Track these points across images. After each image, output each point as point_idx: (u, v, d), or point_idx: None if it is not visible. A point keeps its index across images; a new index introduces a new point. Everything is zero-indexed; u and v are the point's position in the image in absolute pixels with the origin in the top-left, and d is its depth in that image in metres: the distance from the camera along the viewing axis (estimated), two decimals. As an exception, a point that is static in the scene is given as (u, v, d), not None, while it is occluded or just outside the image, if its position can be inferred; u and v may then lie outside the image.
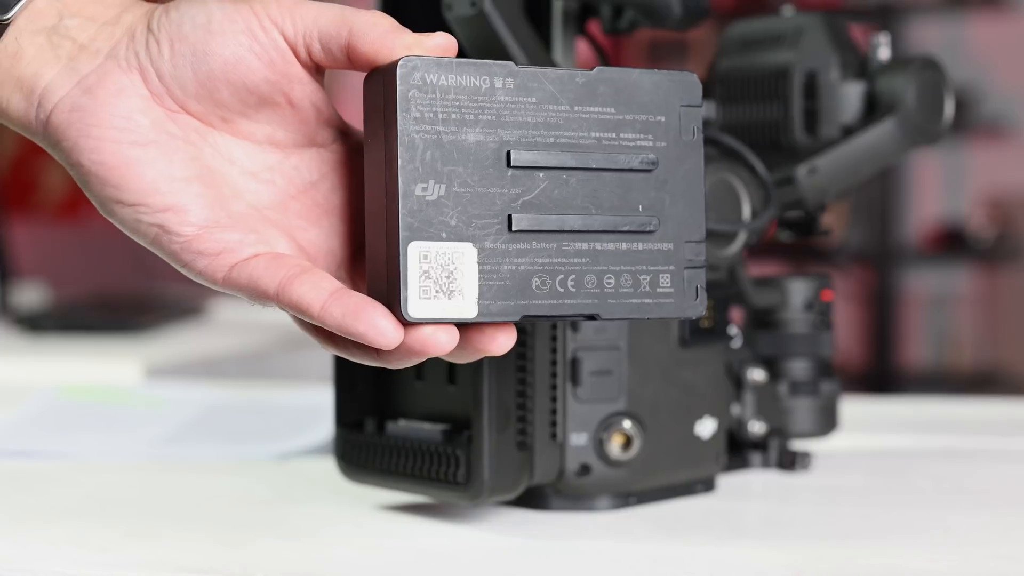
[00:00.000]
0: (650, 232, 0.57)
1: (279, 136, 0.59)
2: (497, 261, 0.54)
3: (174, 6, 0.58)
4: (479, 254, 0.54)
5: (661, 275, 0.57)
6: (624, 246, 0.57)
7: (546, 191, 0.55)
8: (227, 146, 0.58)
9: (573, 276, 0.56)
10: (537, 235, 0.55)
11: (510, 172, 0.55)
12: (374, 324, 0.54)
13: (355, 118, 0.59)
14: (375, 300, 0.54)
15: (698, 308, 0.57)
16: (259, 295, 0.56)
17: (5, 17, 0.58)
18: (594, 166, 0.56)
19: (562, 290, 0.55)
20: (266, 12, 0.56)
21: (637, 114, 0.57)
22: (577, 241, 0.56)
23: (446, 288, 0.54)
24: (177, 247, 0.57)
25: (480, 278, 0.54)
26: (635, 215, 0.57)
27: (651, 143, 0.57)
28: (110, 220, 0.58)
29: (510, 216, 0.55)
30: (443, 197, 0.54)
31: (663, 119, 0.57)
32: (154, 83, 0.57)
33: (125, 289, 2.57)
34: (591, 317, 0.56)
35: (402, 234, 0.53)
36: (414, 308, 0.53)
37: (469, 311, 0.54)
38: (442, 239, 0.54)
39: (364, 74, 0.57)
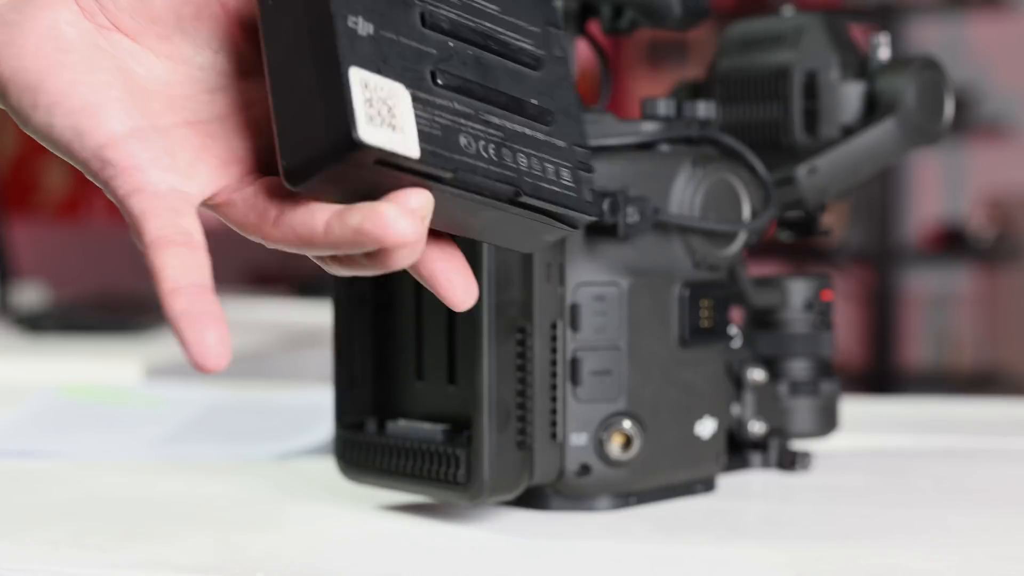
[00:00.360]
0: (549, 124, 0.56)
1: (220, 62, 0.56)
2: (429, 110, 0.52)
3: None
4: (412, 99, 0.52)
5: (562, 169, 0.56)
6: (529, 131, 0.56)
7: (458, 59, 0.54)
8: (163, 72, 0.56)
9: (493, 145, 0.54)
10: (459, 96, 0.53)
11: (427, 32, 0.54)
12: (202, 339, 0.50)
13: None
14: (221, 316, 0.51)
15: (594, 209, 0.57)
16: (136, 233, 0.53)
17: None
18: (494, 48, 0.56)
19: (486, 155, 0.54)
20: None
21: (517, 18, 0.57)
22: (491, 114, 0.54)
23: (389, 121, 0.51)
24: (89, 154, 0.54)
25: (416, 122, 0.52)
26: (533, 104, 0.56)
27: (532, 47, 0.58)
28: (27, 132, 0.56)
29: (433, 71, 0.53)
30: (372, 36, 0.51)
31: (539, 31, 0.58)
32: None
33: (125, 289, 2.57)
34: (516, 191, 0.54)
35: (342, 55, 0.50)
36: (364, 131, 0.50)
37: (412, 149, 0.51)
38: (379, 73, 0.51)
39: None
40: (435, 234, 0.56)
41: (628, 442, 0.76)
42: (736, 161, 0.81)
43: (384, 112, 0.51)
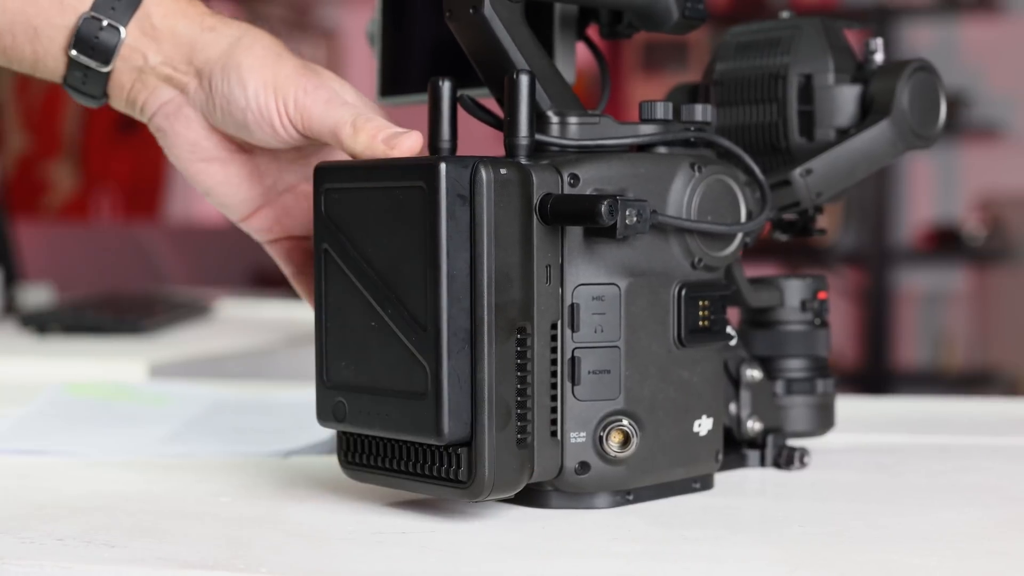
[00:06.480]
0: None
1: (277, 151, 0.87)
2: None
3: (224, 78, 0.81)
4: None
5: None
6: None
7: None
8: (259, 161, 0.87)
9: None
10: None
11: None
12: None
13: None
14: None
15: None
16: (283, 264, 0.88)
17: (105, 69, 0.83)
18: None
19: None
20: (286, 111, 0.80)
21: None
22: None
23: None
24: (236, 224, 0.88)
25: None
26: None
27: None
28: None
29: None
30: None
31: None
32: (208, 122, 0.84)
33: (131, 290, 2.57)
34: None
35: None
36: None
37: None
38: None
39: None
40: None
41: (626, 440, 0.76)
42: (733, 163, 0.82)
43: None
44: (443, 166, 0.70)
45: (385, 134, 0.78)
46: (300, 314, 2.16)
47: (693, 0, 0.84)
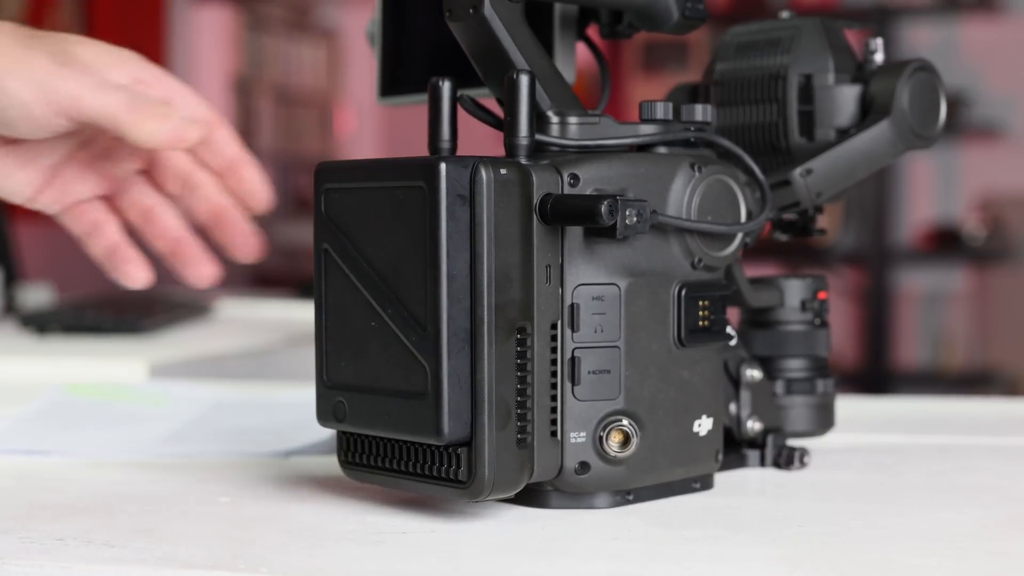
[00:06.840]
0: None
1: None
2: None
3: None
4: None
5: None
6: None
7: None
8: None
9: None
10: None
11: None
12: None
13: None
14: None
15: None
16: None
17: None
18: None
19: None
20: (55, 103, 0.79)
21: None
22: None
23: None
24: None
25: None
26: None
27: None
28: None
29: None
30: None
31: None
32: None
33: (130, 291, 2.57)
34: None
35: None
36: None
37: None
38: None
39: None
40: None
41: (626, 440, 0.76)
42: (733, 163, 0.82)
43: None
44: (443, 166, 0.70)
45: (170, 127, 0.79)
46: (300, 314, 2.16)
47: (693, 0, 0.84)
